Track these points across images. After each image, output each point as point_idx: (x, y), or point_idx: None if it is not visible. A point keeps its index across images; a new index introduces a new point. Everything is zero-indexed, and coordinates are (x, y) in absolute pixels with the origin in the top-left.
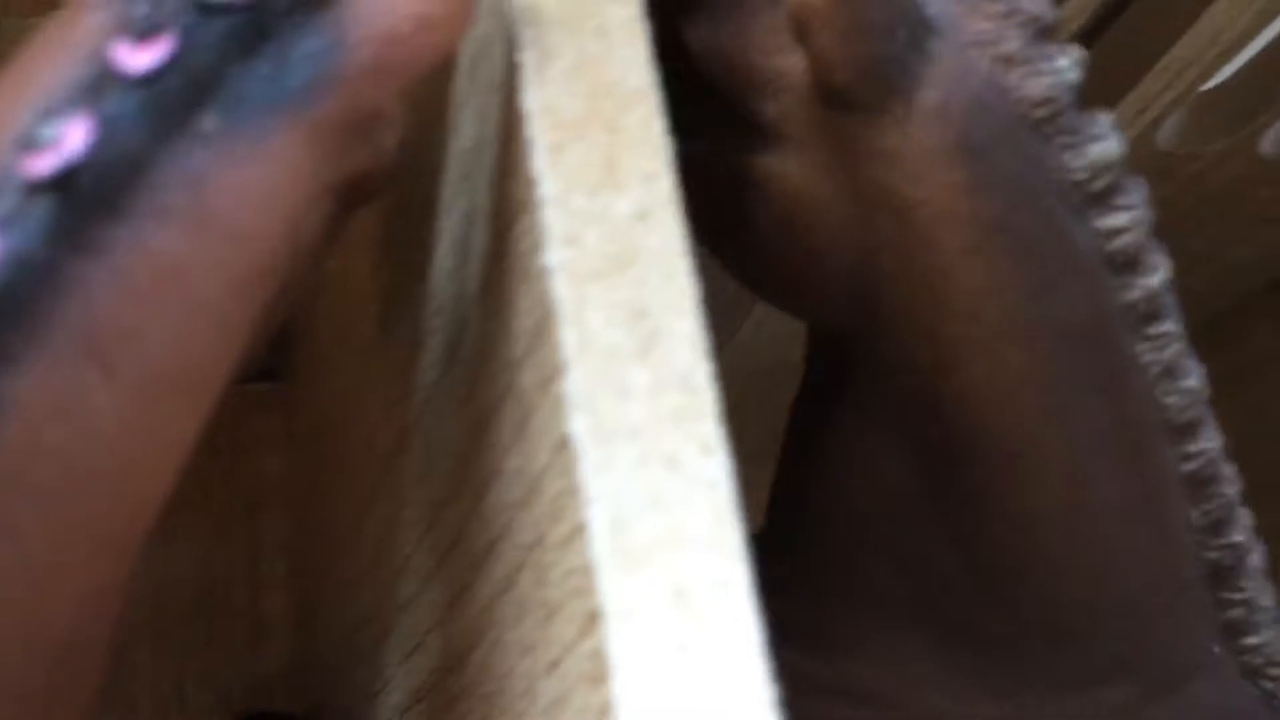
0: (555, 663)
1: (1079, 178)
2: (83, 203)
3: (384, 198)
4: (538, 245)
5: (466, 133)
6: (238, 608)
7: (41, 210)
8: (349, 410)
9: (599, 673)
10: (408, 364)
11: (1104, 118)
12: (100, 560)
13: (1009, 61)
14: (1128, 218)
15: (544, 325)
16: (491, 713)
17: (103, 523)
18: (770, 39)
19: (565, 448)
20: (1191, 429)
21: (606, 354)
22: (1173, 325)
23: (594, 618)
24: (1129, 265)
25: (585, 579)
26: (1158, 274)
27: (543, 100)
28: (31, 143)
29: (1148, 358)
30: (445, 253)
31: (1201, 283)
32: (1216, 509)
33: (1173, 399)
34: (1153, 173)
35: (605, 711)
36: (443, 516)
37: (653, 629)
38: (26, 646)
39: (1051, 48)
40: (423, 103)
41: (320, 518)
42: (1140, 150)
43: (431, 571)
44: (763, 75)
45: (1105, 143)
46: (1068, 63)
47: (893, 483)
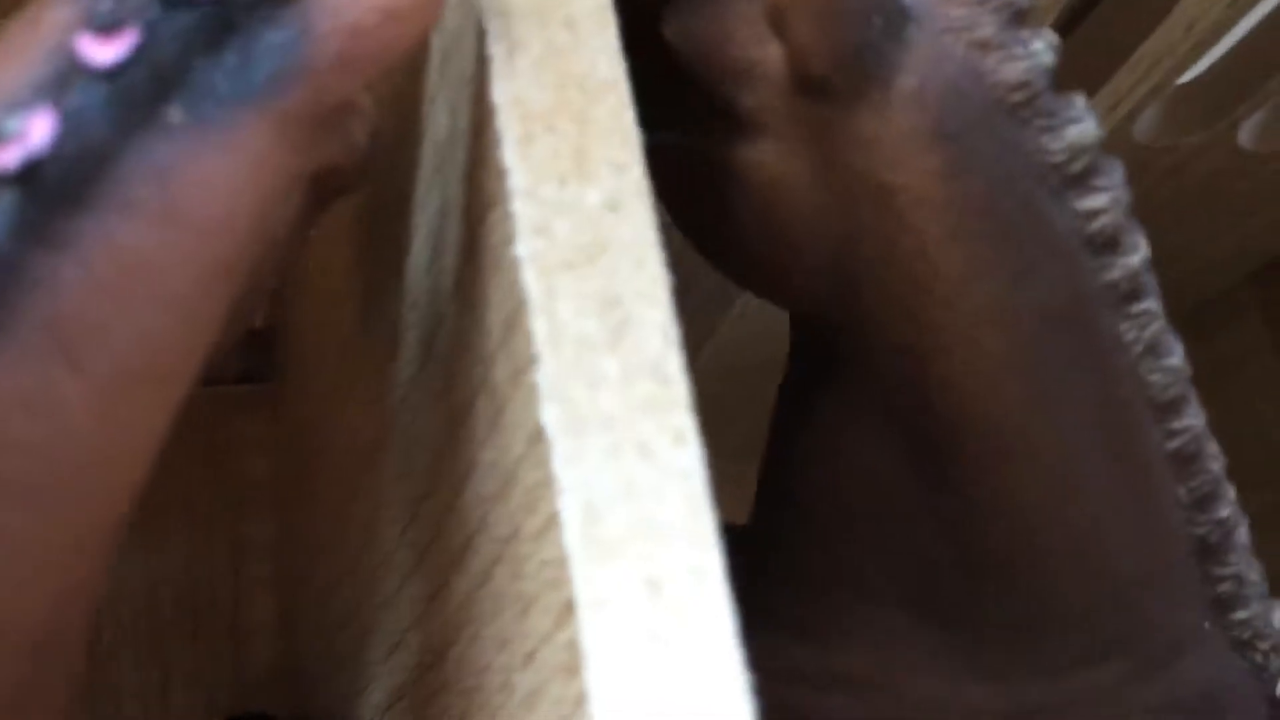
0: (531, 655)
1: (1057, 160)
2: (47, 196)
3: (361, 194)
4: (509, 237)
5: (439, 126)
6: (222, 610)
7: (5, 204)
8: (331, 410)
9: (573, 664)
10: (386, 361)
11: (1080, 100)
12: (72, 556)
13: (984, 46)
14: (1106, 198)
15: (516, 317)
16: (470, 708)
17: (73, 518)
18: (747, 29)
19: (538, 439)
20: (1175, 406)
21: (578, 344)
22: (1153, 303)
23: (568, 609)
24: (1109, 245)
25: (559, 570)
26: (1137, 253)
27: (512, 92)
28: None
29: (1130, 336)
30: (420, 248)
31: (1180, 276)
32: (1202, 485)
33: (1156, 377)
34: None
35: (580, 703)
36: (421, 512)
37: (627, 619)
38: None
39: (1026, 32)
40: (397, 97)
41: (304, 519)
42: (1117, 144)
43: (411, 568)
44: (739, 65)
45: (1082, 125)
46: (1042, 46)
47: (878, 471)
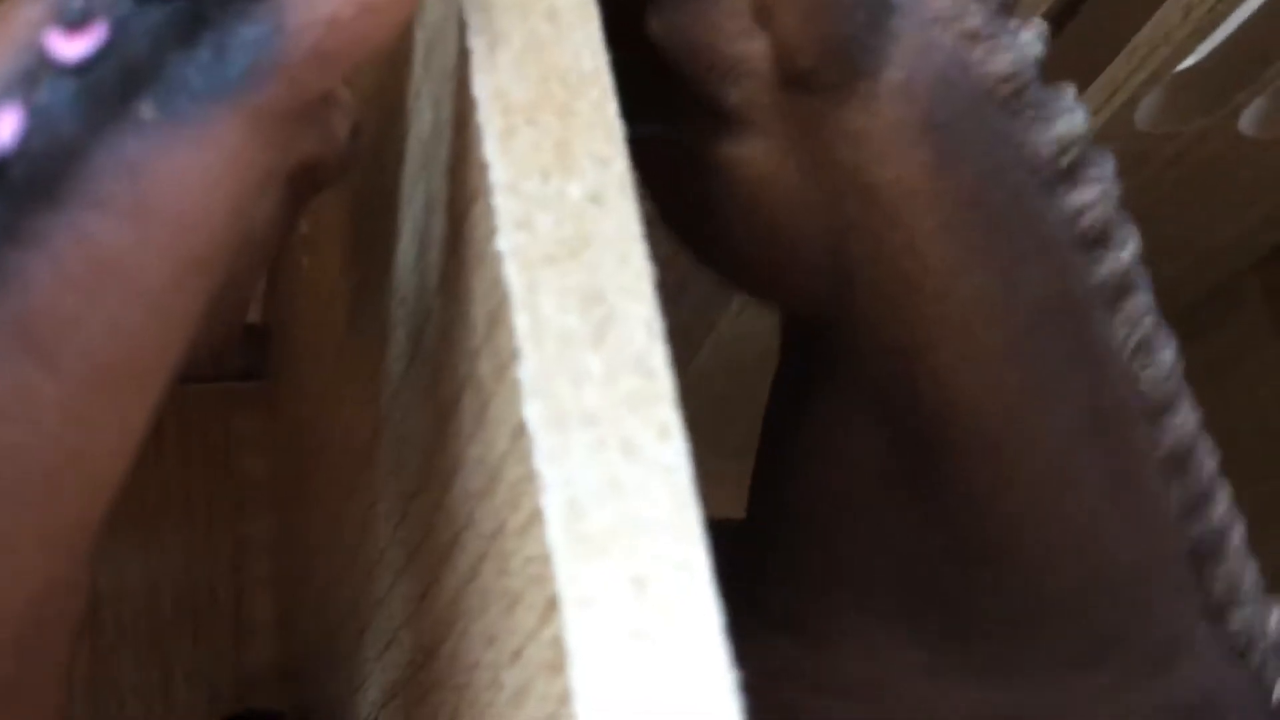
0: (518, 652)
1: (1046, 152)
2: (16, 193)
3: (352, 190)
4: (491, 231)
5: (424, 121)
6: (223, 608)
7: None
8: (326, 408)
9: (558, 661)
10: (378, 358)
11: (1069, 91)
12: (51, 555)
13: (972, 37)
14: (1096, 191)
15: (499, 312)
16: (461, 704)
17: (51, 517)
18: (732, 23)
19: (521, 435)
20: (1168, 405)
21: (561, 339)
22: (1145, 299)
23: (552, 606)
24: (1099, 240)
25: (544, 567)
26: (1128, 248)
27: (493, 86)
28: None
29: (1121, 333)
30: (408, 244)
31: (1182, 265)
32: (1196, 485)
33: (1148, 373)
34: (1130, 155)
35: (565, 700)
36: (412, 509)
37: (612, 616)
38: None
39: (1014, 22)
40: (381, 91)
41: (303, 517)
42: (1117, 131)
43: (403, 565)
44: (726, 60)
45: (1071, 117)
46: (1031, 36)
47: (872, 469)
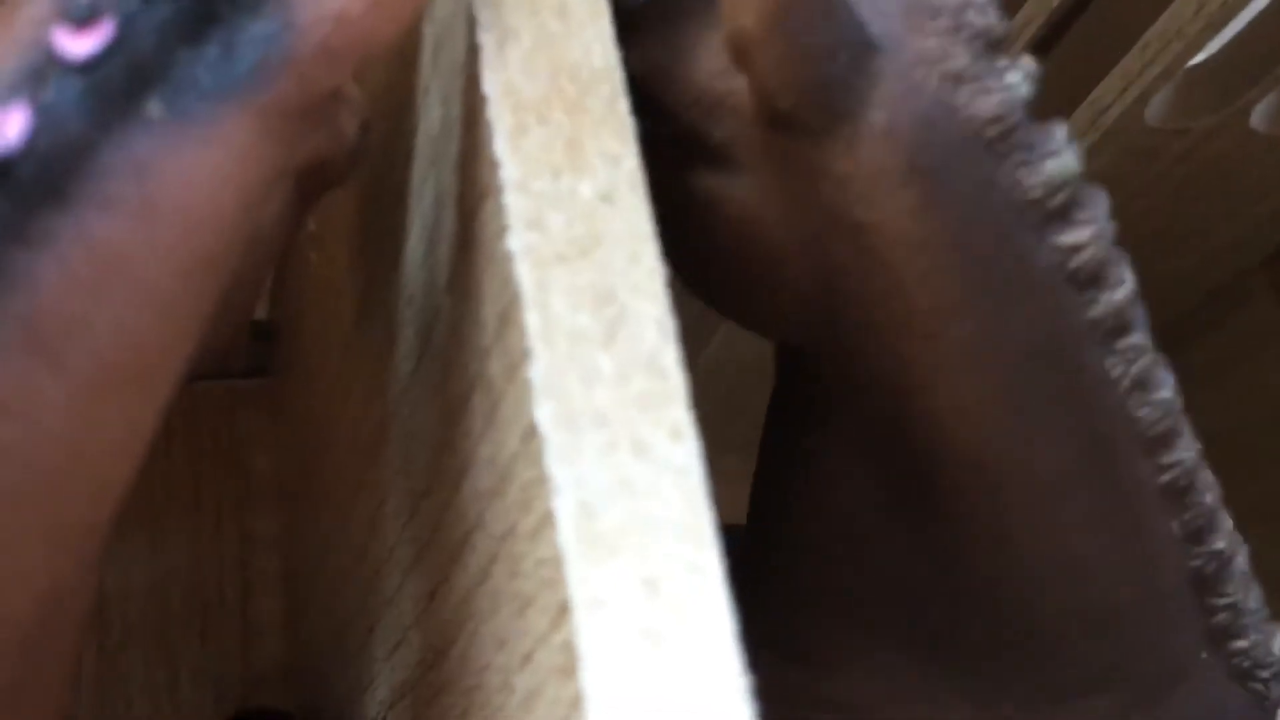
0: (529, 655)
1: (1035, 195)
2: (23, 192)
3: (361, 187)
4: (502, 230)
5: (433, 117)
6: (230, 606)
7: None
8: (333, 404)
9: (569, 666)
10: (386, 355)
11: (1059, 131)
12: (58, 556)
13: (957, 79)
14: (1088, 233)
15: (510, 311)
16: (471, 707)
17: (58, 519)
18: (714, 61)
19: (533, 436)
20: (1166, 440)
21: (572, 339)
22: (1140, 338)
23: (564, 610)
24: (1092, 281)
25: (555, 570)
26: (1122, 287)
27: (503, 82)
28: None
29: (1117, 372)
30: (416, 241)
31: (1193, 260)
32: (1196, 517)
33: (1145, 411)
34: (1141, 150)
35: (576, 704)
36: (421, 508)
37: (623, 619)
38: None
39: (1002, 62)
40: (391, 87)
41: (311, 514)
42: (1128, 127)
43: (412, 564)
44: (708, 97)
45: (1061, 158)
46: (1018, 77)
47: (866, 499)
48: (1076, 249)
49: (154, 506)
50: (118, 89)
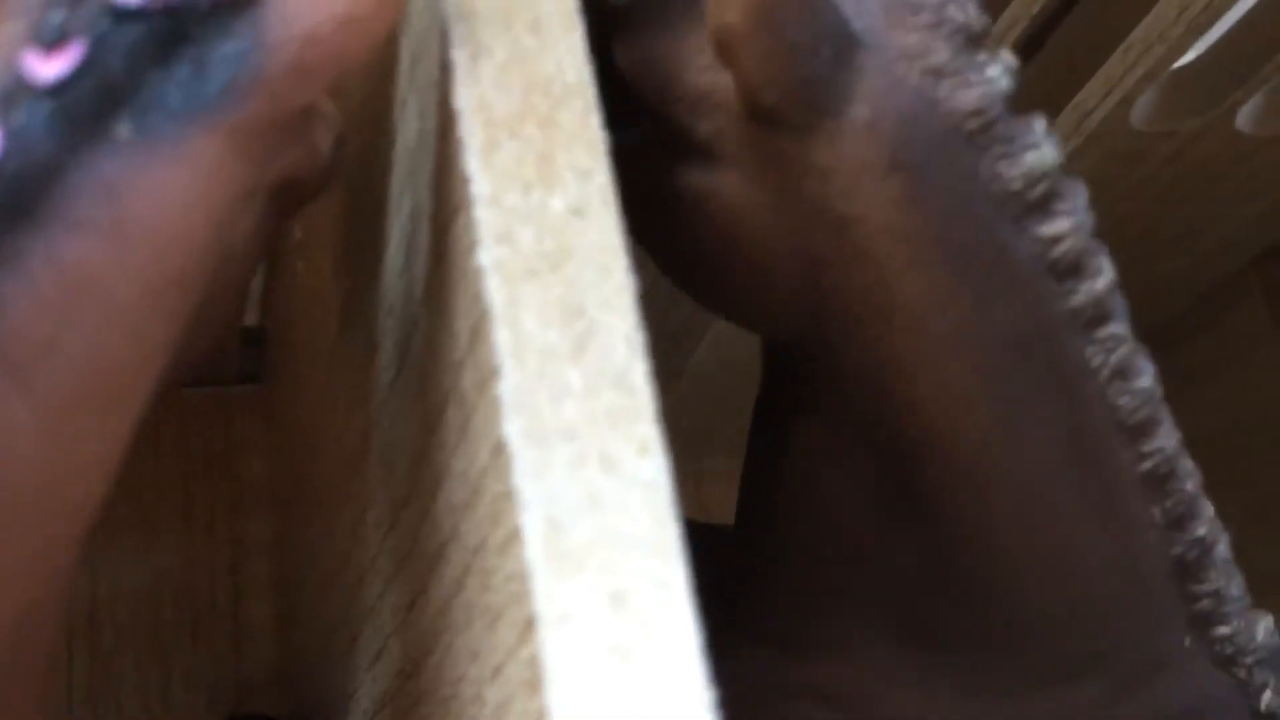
0: (499, 669)
1: (1015, 187)
2: None
3: (342, 196)
4: (473, 245)
5: (409, 130)
6: (221, 611)
7: None
8: (320, 412)
9: (535, 680)
10: (367, 365)
11: (1038, 124)
12: (30, 577)
13: (938, 73)
14: (1068, 224)
15: (481, 326)
16: (446, 718)
17: (28, 541)
18: (699, 56)
19: (502, 451)
20: (1146, 428)
21: (541, 354)
22: (1120, 326)
23: (530, 624)
24: (1072, 271)
25: (523, 584)
26: (1101, 277)
27: (475, 98)
28: None
29: (1097, 361)
30: (394, 253)
31: (1183, 262)
32: (1177, 505)
33: (1125, 400)
34: (1127, 153)
35: (542, 718)
36: (401, 518)
37: (589, 633)
38: None
39: (981, 56)
40: (370, 100)
41: (300, 519)
42: (1113, 130)
43: (392, 574)
44: (694, 93)
45: (1040, 150)
46: (998, 71)
47: (853, 491)
48: (1056, 240)
49: (145, 511)
50: (87, 111)
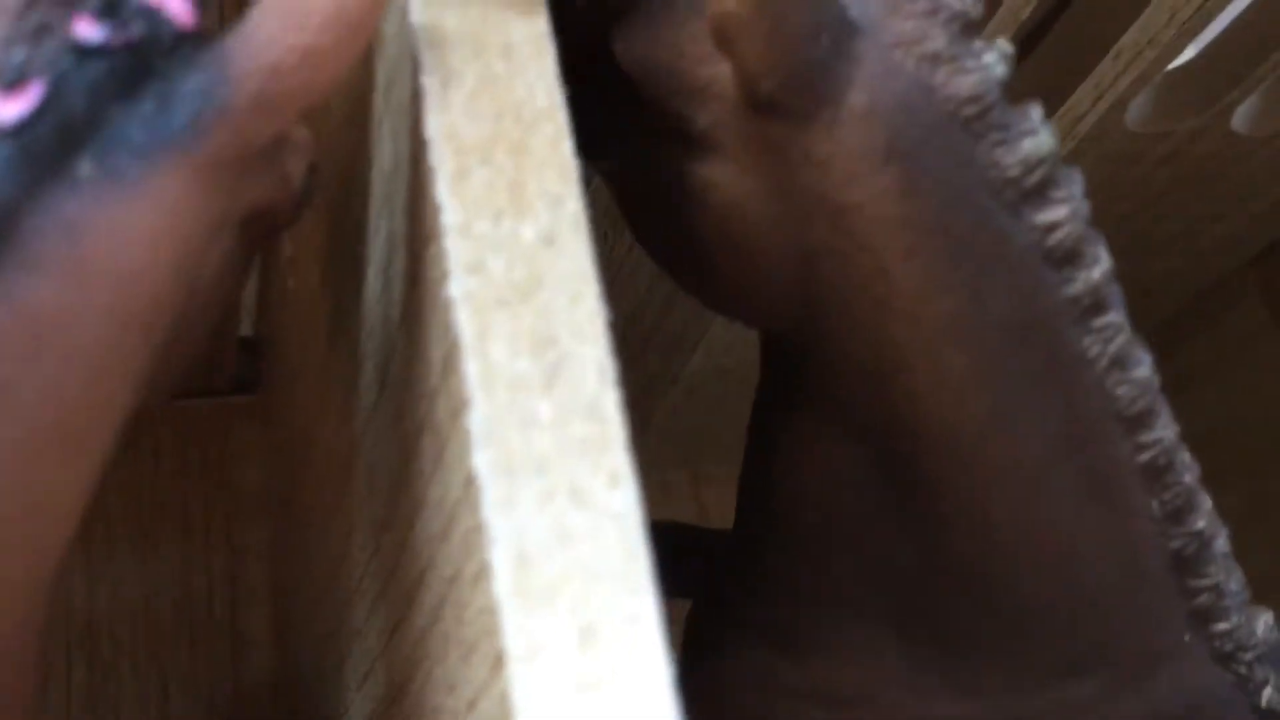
0: (473, 703)
1: (1012, 174)
2: None
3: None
4: (444, 275)
5: (385, 154)
6: (219, 619)
7: None
8: (312, 423)
9: (506, 716)
10: (353, 383)
11: (1035, 111)
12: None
13: (935, 60)
14: (1065, 211)
15: (451, 356)
16: None
17: None
18: (698, 47)
19: (473, 484)
20: (1144, 419)
21: (511, 385)
22: (1117, 316)
23: (500, 660)
24: (1069, 259)
25: (493, 619)
26: (1099, 265)
27: (445, 125)
28: None
29: (1094, 351)
30: (374, 276)
31: (1181, 262)
32: (1175, 497)
33: (1123, 390)
34: (1121, 155)
35: None
36: (383, 542)
37: (559, 670)
38: None
39: (977, 43)
40: (352, 120)
41: (295, 527)
42: (1106, 134)
43: (377, 597)
44: (692, 84)
45: (1036, 137)
46: (994, 58)
47: (851, 485)
48: (1053, 227)
49: (143, 521)
50: (47, 151)
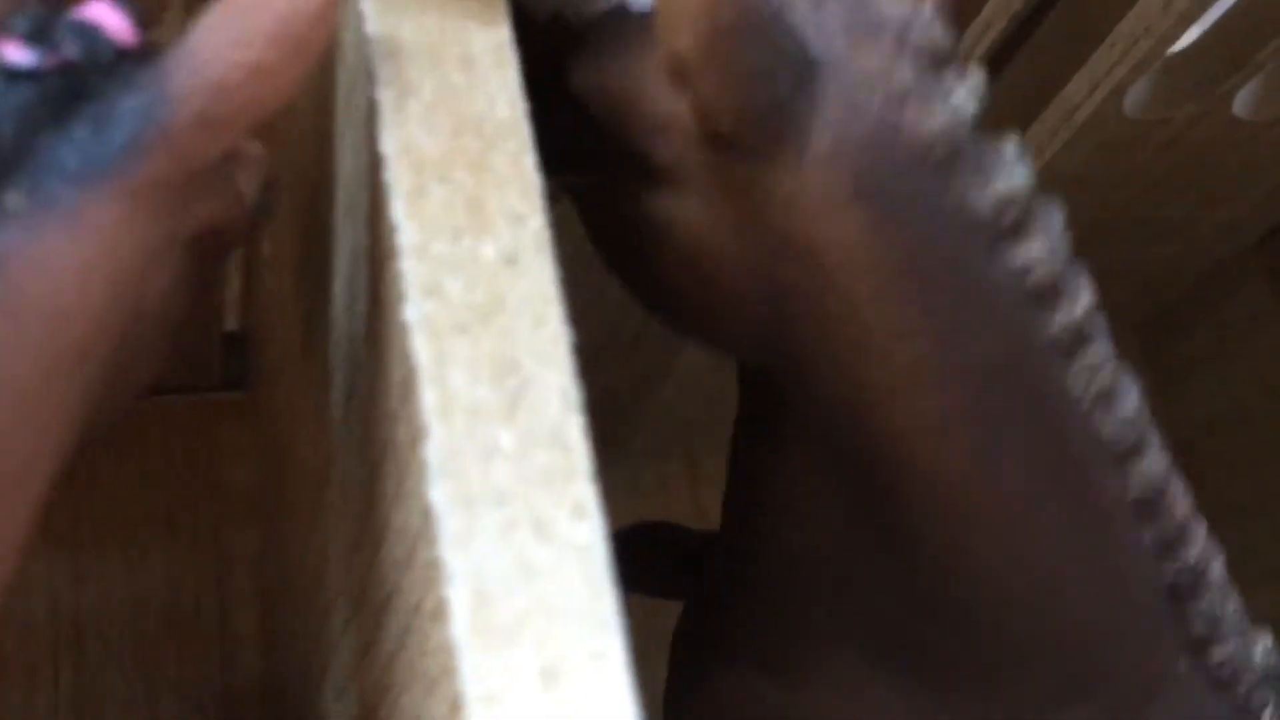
0: None
1: (985, 212)
2: None
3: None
4: (402, 296)
5: (347, 164)
6: (207, 621)
7: None
8: (294, 426)
9: None
10: (325, 390)
11: (1009, 147)
12: None
13: (902, 99)
14: (1042, 249)
15: (409, 381)
16: None
17: None
18: (658, 81)
19: (430, 516)
20: (1133, 453)
21: (470, 413)
22: (1103, 347)
23: (458, 703)
24: (1049, 297)
25: (450, 659)
26: (1080, 301)
27: (401, 141)
28: None
29: (1080, 388)
30: (340, 287)
31: (1182, 248)
32: (1169, 525)
33: (1110, 426)
34: (1119, 142)
35: None
36: (354, 562)
37: (521, 713)
38: None
39: (948, 78)
40: (318, 125)
41: (281, 528)
42: (1103, 121)
43: (350, 616)
44: (652, 118)
45: (1010, 173)
46: (964, 96)
47: (832, 517)
48: (1031, 264)
49: (130, 523)
50: None
